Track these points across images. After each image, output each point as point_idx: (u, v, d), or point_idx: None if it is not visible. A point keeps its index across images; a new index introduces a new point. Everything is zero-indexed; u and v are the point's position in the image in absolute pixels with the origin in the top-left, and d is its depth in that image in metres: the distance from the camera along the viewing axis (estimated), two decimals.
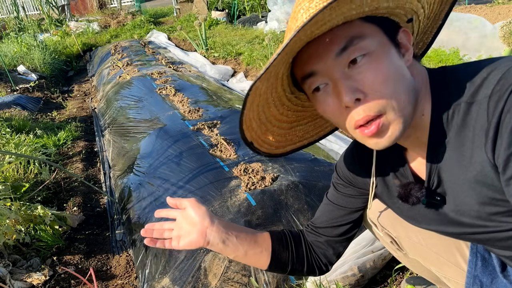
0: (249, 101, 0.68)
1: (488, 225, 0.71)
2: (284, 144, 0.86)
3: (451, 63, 3.73)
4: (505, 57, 0.65)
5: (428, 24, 0.77)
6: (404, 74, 0.67)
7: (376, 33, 0.65)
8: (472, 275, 0.86)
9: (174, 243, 0.91)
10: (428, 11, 0.72)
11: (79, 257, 1.99)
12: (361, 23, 0.64)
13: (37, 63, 6.30)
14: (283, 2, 6.70)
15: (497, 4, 5.64)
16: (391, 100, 0.64)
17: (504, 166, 0.59)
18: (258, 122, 0.77)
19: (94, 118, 4.20)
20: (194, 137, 2.56)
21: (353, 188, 0.96)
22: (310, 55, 0.66)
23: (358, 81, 0.64)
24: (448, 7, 0.73)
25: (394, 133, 0.67)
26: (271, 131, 0.81)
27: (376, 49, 0.64)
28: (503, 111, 0.59)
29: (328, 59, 0.65)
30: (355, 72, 0.64)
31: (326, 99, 0.69)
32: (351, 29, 0.63)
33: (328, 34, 0.63)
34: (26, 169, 2.71)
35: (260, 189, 1.85)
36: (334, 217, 0.99)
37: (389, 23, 0.68)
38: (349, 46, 0.63)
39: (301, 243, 1.01)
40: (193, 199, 0.92)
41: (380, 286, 1.54)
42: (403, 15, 0.69)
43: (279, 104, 0.78)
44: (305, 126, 0.87)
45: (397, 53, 0.67)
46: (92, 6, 13.25)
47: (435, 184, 0.75)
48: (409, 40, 0.71)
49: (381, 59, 0.64)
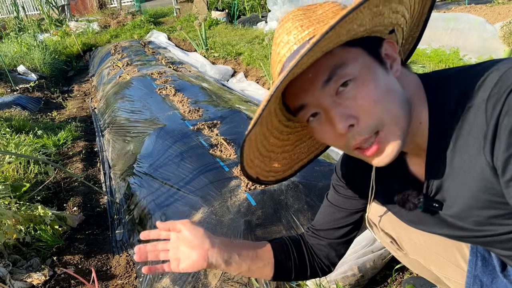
0: (246, 149, 0.70)
1: (489, 228, 0.71)
2: (291, 164, 0.86)
3: (451, 63, 3.72)
4: (501, 60, 0.65)
5: (413, 22, 0.76)
6: (393, 89, 0.66)
7: (358, 55, 0.64)
8: (472, 275, 0.86)
9: (173, 265, 0.88)
10: (409, 15, 0.71)
11: (79, 257, 1.99)
12: (342, 49, 0.63)
13: (37, 63, 6.31)
14: (283, 2, 6.70)
15: (497, 4, 5.64)
16: (384, 117, 0.64)
17: (503, 168, 0.59)
18: (260, 158, 0.77)
19: (94, 118, 4.20)
20: (194, 137, 2.56)
21: (353, 191, 0.96)
22: (297, 90, 0.67)
23: (348, 107, 0.64)
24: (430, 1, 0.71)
25: (394, 149, 0.67)
26: (275, 159, 0.81)
27: (360, 72, 0.64)
28: (501, 113, 0.58)
29: (314, 91, 0.65)
30: (343, 98, 0.64)
31: (321, 128, 0.69)
32: (332, 58, 0.63)
33: (310, 69, 0.63)
34: (26, 169, 2.71)
35: (260, 189, 1.85)
36: (335, 219, 0.99)
37: (370, 40, 0.67)
38: (332, 76, 0.63)
39: (302, 249, 1.01)
40: (187, 221, 0.89)
41: (380, 286, 1.54)
42: (384, 29, 0.68)
43: (277, 133, 0.78)
44: (309, 141, 0.87)
45: (383, 69, 0.66)
46: (92, 6, 13.25)
47: (434, 190, 0.75)
48: (394, 49, 0.70)
49: (368, 82, 0.64)
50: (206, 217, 1.77)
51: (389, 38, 0.70)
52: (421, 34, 0.80)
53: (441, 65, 3.80)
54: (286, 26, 0.65)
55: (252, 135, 0.68)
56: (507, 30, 2.59)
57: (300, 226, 1.66)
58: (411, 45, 0.83)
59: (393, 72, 0.68)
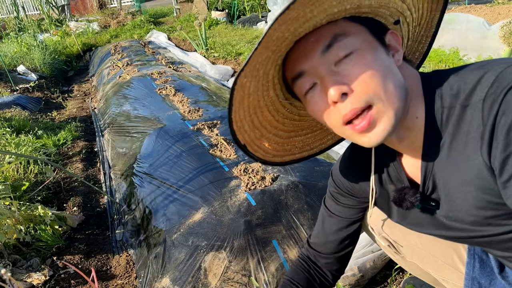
0: (236, 98, 0.67)
1: (486, 228, 0.70)
2: (282, 153, 0.86)
3: (451, 63, 3.72)
4: (498, 59, 0.65)
5: (421, 33, 0.77)
6: (392, 70, 0.66)
7: (360, 31, 0.66)
8: (471, 277, 0.85)
9: None
10: (416, 15, 0.71)
11: (79, 257, 1.99)
12: (346, 22, 0.65)
13: (37, 63, 6.30)
14: (283, 2, 6.69)
15: (497, 4, 5.64)
16: (379, 91, 0.63)
17: (500, 168, 0.59)
18: (251, 125, 0.76)
19: (94, 118, 4.20)
20: (194, 137, 2.56)
21: (351, 197, 0.96)
22: (298, 56, 0.67)
23: (344, 76, 0.64)
24: (439, 14, 0.73)
25: (385, 128, 0.65)
26: (267, 137, 0.81)
27: (361, 45, 0.65)
28: (497, 113, 0.58)
29: (314, 57, 0.65)
30: (341, 68, 0.65)
31: (315, 98, 0.69)
32: (335, 27, 0.65)
33: (313, 34, 0.64)
34: (26, 169, 2.72)
35: (260, 189, 1.85)
36: (335, 231, 0.99)
37: (374, 23, 0.68)
38: (333, 43, 0.64)
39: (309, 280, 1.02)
40: None
41: (380, 286, 1.55)
42: (389, 15, 0.69)
43: (273, 110, 0.78)
44: (304, 137, 0.87)
45: (385, 52, 0.67)
46: (92, 6, 13.24)
47: (430, 189, 0.75)
48: (398, 42, 0.70)
49: (367, 55, 0.64)
50: (206, 217, 1.78)
51: (394, 29, 0.71)
52: (428, 49, 0.80)
53: (441, 65, 3.80)
54: None
55: (245, 90, 0.67)
56: (507, 30, 2.59)
57: (300, 226, 1.66)
58: (417, 60, 0.83)
59: (394, 60, 0.69)
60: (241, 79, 0.64)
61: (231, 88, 0.65)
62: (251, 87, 0.68)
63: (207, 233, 1.69)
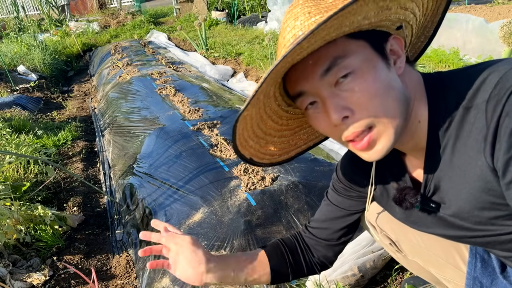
0: (239, 128, 0.70)
1: (488, 229, 0.70)
2: (288, 149, 0.86)
3: (451, 63, 3.72)
4: (501, 60, 0.65)
5: (427, 20, 0.75)
6: (392, 86, 0.66)
7: (361, 48, 0.64)
8: (472, 277, 0.85)
9: (172, 268, 0.92)
10: (421, 12, 0.70)
11: (79, 257, 1.99)
12: (345, 40, 0.63)
13: (37, 63, 6.30)
14: (283, 2, 6.69)
15: (497, 4, 5.64)
16: (380, 114, 0.64)
17: (503, 170, 0.59)
18: (255, 139, 0.77)
19: (94, 118, 4.20)
20: (194, 137, 2.56)
21: (353, 191, 0.96)
22: (297, 77, 0.67)
23: (345, 99, 0.64)
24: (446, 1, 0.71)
25: (385, 146, 0.67)
26: (272, 142, 0.81)
27: (361, 65, 0.63)
28: (501, 115, 0.58)
29: (314, 80, 0.65)
30: (341, 90, 0.64)
31: (317, 116, 0.70)
32: (334, 48, 0.63)
33: (312, 56, 0.63)
34: (26, 169, 2.71)
35: (260, 189, 1.85)
36: (332, 218, 0.99)
37: (376, 34, 0.66)
38: (332, 66, 0.63)
39: (297, 251, 1.02)
40: (189, 240, 0.90)
41: (380, 286, 1.54)
42: (391, 25, 0.67)
43: (276, 118, 0.78)
44: (309, 129, 0.87)
45: (385, 65, 0.66)
46: (92, 6, 13.24)
47: (432, 190, 0.75)
48: (401, 46, 0.69)
49: (367, 75, 0.63)
50: (206, 217, 1.77)
51: (397, 34, 0.70)
52: (434, 33, 0.78)
53: (441, 65, 3.80)
54: (295, 12, 0.64)
55: (247, 117, 0.69)
56: (507, 30, 2.59)
57: (300, 226, 1.66)
58: (423, 43, 0.81)
59: (396, 68, 0.68)
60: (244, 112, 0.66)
61: (233, 124, 0.68)
62: (253, 112, 0.70)
63: (207, 233, 1.68)
